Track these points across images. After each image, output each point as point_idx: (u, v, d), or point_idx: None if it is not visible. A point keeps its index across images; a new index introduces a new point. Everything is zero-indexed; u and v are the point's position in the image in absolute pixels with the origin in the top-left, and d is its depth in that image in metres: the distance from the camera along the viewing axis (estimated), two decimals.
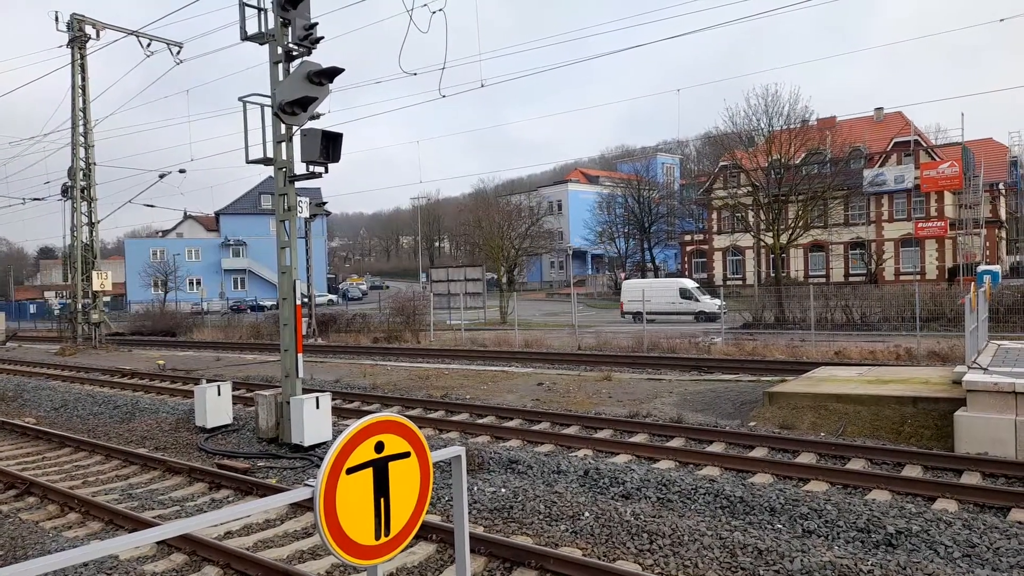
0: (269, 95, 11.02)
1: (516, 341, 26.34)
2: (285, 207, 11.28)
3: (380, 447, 2.80)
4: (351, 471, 2.69)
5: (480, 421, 12.66)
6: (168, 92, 75.49)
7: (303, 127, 10.67)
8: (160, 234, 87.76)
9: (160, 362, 24.06)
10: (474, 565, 6.15)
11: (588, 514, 7.27)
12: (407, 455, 2.91)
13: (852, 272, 53.09)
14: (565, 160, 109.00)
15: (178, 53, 29.85)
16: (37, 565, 2.04)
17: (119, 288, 68.85)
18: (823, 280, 50.50)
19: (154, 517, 7.92)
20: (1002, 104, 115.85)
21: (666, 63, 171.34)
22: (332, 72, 10.21)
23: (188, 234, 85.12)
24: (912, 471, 8.68)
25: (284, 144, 11.17)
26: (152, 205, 48.51)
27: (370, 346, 28.42)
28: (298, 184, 11.32)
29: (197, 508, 8.47)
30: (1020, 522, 6.78)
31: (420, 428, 3.11)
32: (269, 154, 11.29)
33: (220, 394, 12.78)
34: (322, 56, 10.82)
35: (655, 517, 7.07)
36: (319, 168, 10.75)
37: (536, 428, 11.90)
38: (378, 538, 2.81)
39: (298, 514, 7.89)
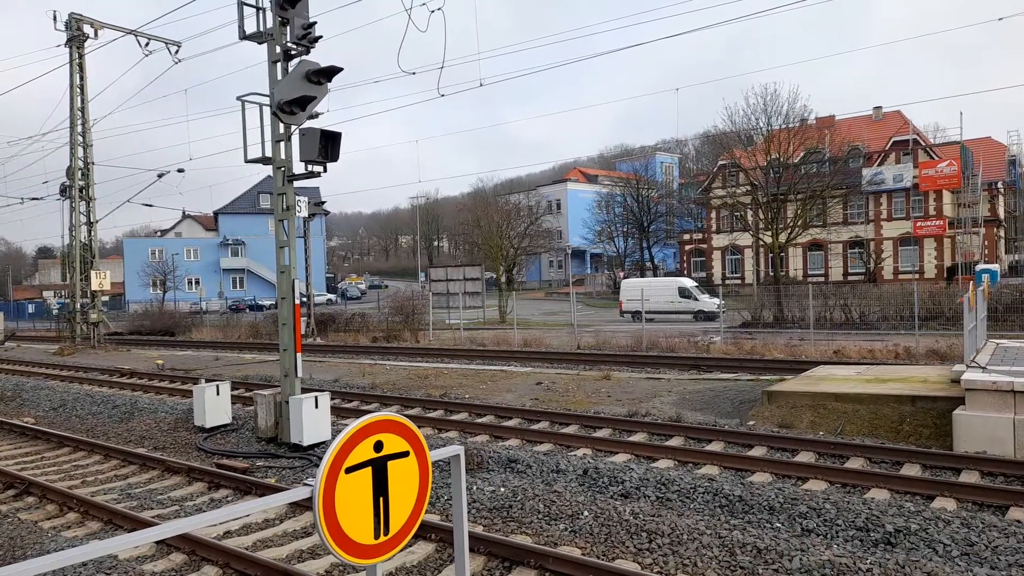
0: (268, 94, 11.02)
1: (515, 340, 26.34)
2: (284, 206, 11.28)
3: (379, 446, 2.80)
4: (350, 470, 2.69)
5: (479, 420, 12.66)
6: (166, 91, 75.69)
7: (302, 126, 10.68)
8: (159, 234, 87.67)
9: (159, 362, 24.04)
10: (473, 564, 6.15)
11: (587, 513, 7.27)
12: (406, 454, 2.91)
13: (851, 271, 53.16)
14: (564, 159, 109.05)
15: (176, 52, 29.87)
16: (36, 565, 2.04)
17: (118, 288, 68.83)
18: (822, 279, 50.53)
19: (153, 517, 7.92)
20: (1001, 103, 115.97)
21: (664, 62, 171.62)
22: (331, 71, 10.20)
23: (187, 234, 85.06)
24: (911, 470, 8.69)
25: (283, 143, 11.16)
26: (151, 205, 48.26)
27: (369, 345, 28.42)
28: (297, 183, 11.32)
29: (196, 508, 8.47)
30: (1018, 520, 6.79)
31: (419, 427, 3.10)
32: (268, 153, 11.28)
33: (219, 394, 12.77)
34: (321, 55, 10.84)
35: (654, 516, 7.07)
36: (318, 167, 10.76)
37: (535, 427, 11.90)
38: (377, 537, 2.81)
39: (297, 513, 7.90)
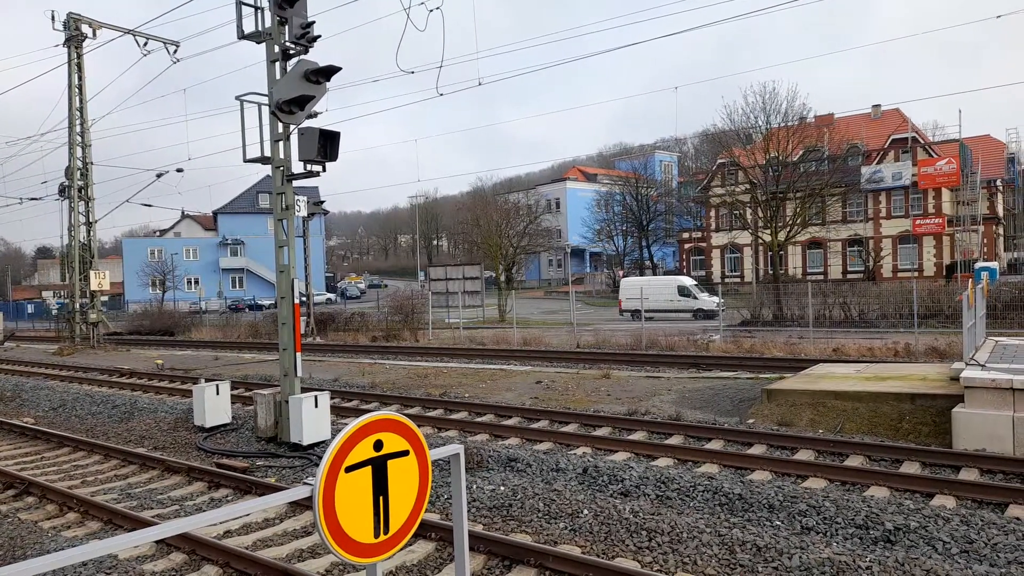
0: (266, 94, 11.01)
1: (515, 339, 26.34)
2: (283, 206, 11.27)
3: (379, 445, 2.80)
4: (350, 469, 2.69)
5: (479, 419, 12.65)
6: (165, 91, 75.56)
7: (300, 126, 10.67)
8: (158, 233, 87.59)
9: (158, 361, 24.03)
10: (473, 563, 6.15)
11: (587, 512, 7.27)
12: (406, 453, 2.92)
13: (850, 269, 53.18)
14: (563, 158, 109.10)
15: (175, 52, 29.81)
16: (36, 565, 2.04)
17: (117, 288, 68.85)
18: (821, 277, 50.59)
19: (153, 516, 7.92)
20: (1000, 101, 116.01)
21: (661, 61, 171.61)
22: (329, 70, 10.19)
23: (186, 233, 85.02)
24: (910, 467, 8.70)
25: (282, 143, 11.16)
26: (150, 204, 48.34)
27: (368, 345, 28.41)
28: (296, 183, 11.31)
29: (196, 507, 8.47)
30: (1018, 518, 6.80)
31: (419, 426, 3.10)
32: (267, 153, 11.28)
33: (219, 393, 12.77)
34: (319, 54, 10.84)
35: (654, 514, 7.07)
36: (317, 167, 10.75)
37: (535, 426, 11.91)
38: (377, 536, 2.81)
39: (297, 513, 7.90)
